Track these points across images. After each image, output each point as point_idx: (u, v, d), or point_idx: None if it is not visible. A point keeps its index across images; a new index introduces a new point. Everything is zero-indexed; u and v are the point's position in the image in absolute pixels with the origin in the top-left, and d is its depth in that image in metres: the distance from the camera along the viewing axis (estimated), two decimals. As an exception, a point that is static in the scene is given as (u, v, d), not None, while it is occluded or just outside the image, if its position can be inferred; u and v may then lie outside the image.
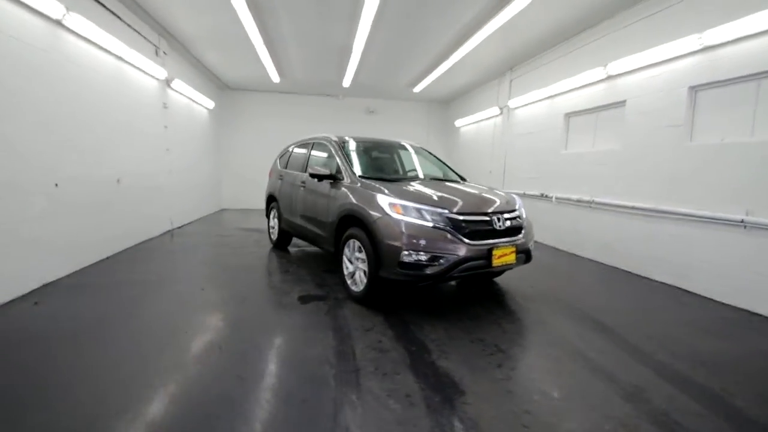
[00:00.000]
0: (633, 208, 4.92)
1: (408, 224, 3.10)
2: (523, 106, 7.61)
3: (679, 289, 4.30)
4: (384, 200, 3.28)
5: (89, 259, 4.44)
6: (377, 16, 5.24)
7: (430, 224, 3.09)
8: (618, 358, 2.68)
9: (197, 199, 8.67)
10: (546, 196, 6.71)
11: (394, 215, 3.16)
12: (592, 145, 5.88)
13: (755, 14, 3.54)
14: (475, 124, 9.91)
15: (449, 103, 11.67)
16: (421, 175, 4.39)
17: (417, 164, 4.65)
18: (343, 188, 3.87)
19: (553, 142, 6.64)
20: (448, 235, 3.08)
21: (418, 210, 3.15)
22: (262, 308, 3.45)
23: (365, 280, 3.42)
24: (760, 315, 3.54)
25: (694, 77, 4.21)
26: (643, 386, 2.31)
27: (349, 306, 3.50)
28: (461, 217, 3.18)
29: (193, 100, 8.22)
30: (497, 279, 4.42)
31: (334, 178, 4.05)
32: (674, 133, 4.44)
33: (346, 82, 9.15)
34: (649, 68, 4.74)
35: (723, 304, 3.84)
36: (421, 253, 3.02)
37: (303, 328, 3.00)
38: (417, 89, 9.69)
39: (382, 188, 3.44)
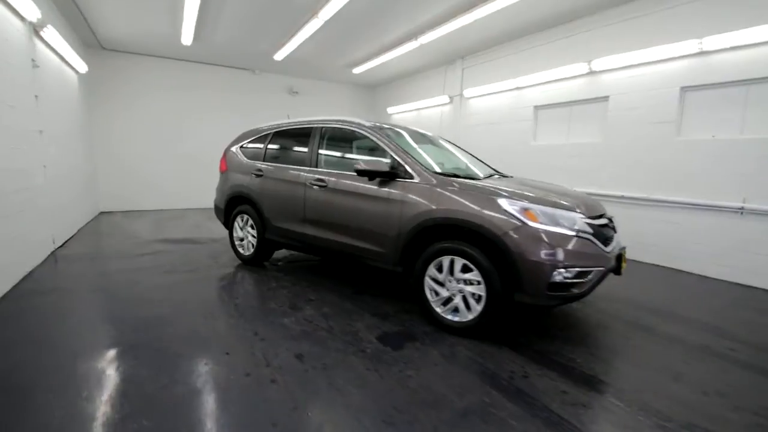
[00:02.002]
0: (621, 197, 5.32)
1: (552, 235, 2.51)
2: (481, 96, 7.57)
3: (671, 269, 4.83)
4: (511, 205, 2.60)
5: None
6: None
7: (573, 232, 2.56)
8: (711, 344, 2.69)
9: (74, 201, 6.07)
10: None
11: (532, 224, 2.53)
12: (567, 137, 6.17)
13: (738, 31, 4.04)
14: (414, 111, 9.57)
15: (376, 88, 11.05)
16: (477, 170, 3.70)
17: (461, 157, 3.98)
18: (414, 189, 2.99)
19: (521, 134, 6.77)
20: (591, 244, 2.62)
21: (554, 216, 2.59)
22: (353, 366, 2.39)
23: (478, 308, 2.69)
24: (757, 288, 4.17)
25: (685, 79, 4.66)
26: None
27: (457, 341, 2.72)
28: (595, 222, 2.75)
29: (64, 60, 5.61)
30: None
31: (394, 176, 3.12)
32: (663, 128, 4.88)
33: (280, 55, 7.64)
34: (635, 67, 5.10)
35: (718, 280, 4.43)
36: (572, 269, 2.49)
37: (449, 384, 2.15)
38: (357, 70, 8.77)
39: (499, 189, 2.74)
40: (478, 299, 2.71)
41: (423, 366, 2.40)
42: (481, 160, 4.26)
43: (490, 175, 3.50)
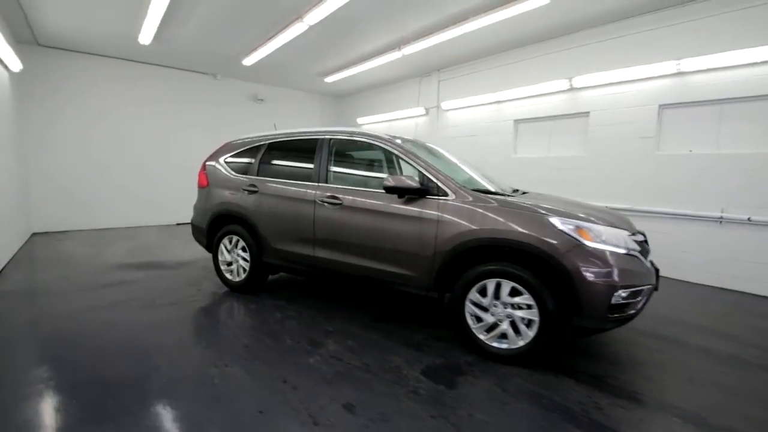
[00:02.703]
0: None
1: (609, 254, 2.41)
2: (459, 108, 7.60)
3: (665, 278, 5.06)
4: (565, 224, 2.47)
5: None
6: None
7: (624, 250, 2.49)
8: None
9: (3, 221, 5.06)
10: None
11: (588, 243, 2.41)
12: (548, 150, 6.34)
13: (714, 55, 4.39)
14: (386, 123, 9.42)
15: (344, 97, 10.77)
16: (499, 185, 3.52)
17: (469, 170, 3.82)
18: (451, 207, 2.77)
19: (502, 147, 6.87)
20: (639, 262, 2.56)
21: (606, 234, 2.50)
22: (415, 414, 2.07)
23: (530, 333, 2.52)
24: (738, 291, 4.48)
25: (664, 97, 4.97)
26: None
27: (508, 371, 2.52)
28: (638, 238, 2.71)
29: (-6, 54, 4.70)
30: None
31: (425, 193, 2.88)
32: (644, 143, 5.16)
33: (251, 60, 7.11)
34: (616, 85, 5.36)
35: (706, 286, 4.71)
36: (628, 289, 2.41)
37: (531, 427, 1.93)
38: (330, 79, 8.45)
39: (545, 207, 2.61)
40: (528, 324, 2.54)
41: (491, 407, 2.15)
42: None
43: (515, 191, 3.38)
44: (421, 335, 3.07)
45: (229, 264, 4.02)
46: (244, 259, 3.87)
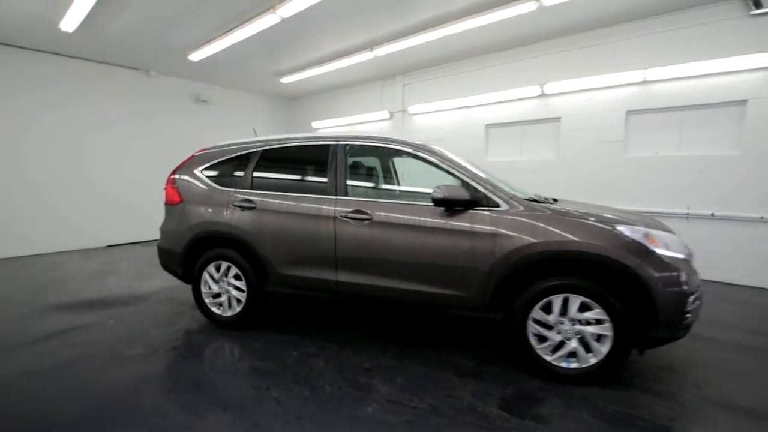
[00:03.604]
0: (581, 209, 5.77)
1: (676, 260, 2.36)
2: (427, 113, 7.49)
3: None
4: (634, 233, 2.37)
5: None
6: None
7: (683, 255, 2.47)
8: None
9: None
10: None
11: (658, 251, 2.34)
12: (520, 154, 6.49)
13: (676, 65, 4.82)
14: (346, 126, 8.99)
15: (297, 100, 10.10)
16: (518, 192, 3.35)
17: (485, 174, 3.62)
18: (506, 219, 2.53)
19: (473, 151, 6.89)
20: (692, 266, 2.57)
21: (668, 240, 2.45)
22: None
23: (603, 350, 2.37)
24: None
25: (630, 103, 5.33)
26: None
27: (581, 393, 2.34)
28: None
29: None
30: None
31: (474, 204, 2.61)
32: (613, 147, 5.49)
33: (199, 55, 6.22)
34: (586, 92, 5.64)
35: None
36: (695, 293, 2.38)
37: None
38: (287, 80, 7.79)
39: (611, 216, 2.49)
40: (598, 340, 2.40)
41: (598, 439, 1.95)
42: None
43: (546, 199, 3.27)
44: (469, 361, 2.78)
45: (217, 296, 3.34)
46: (238, 289, 3.24)
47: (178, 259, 3.42)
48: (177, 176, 3.54)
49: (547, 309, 2.47)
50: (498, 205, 2.59)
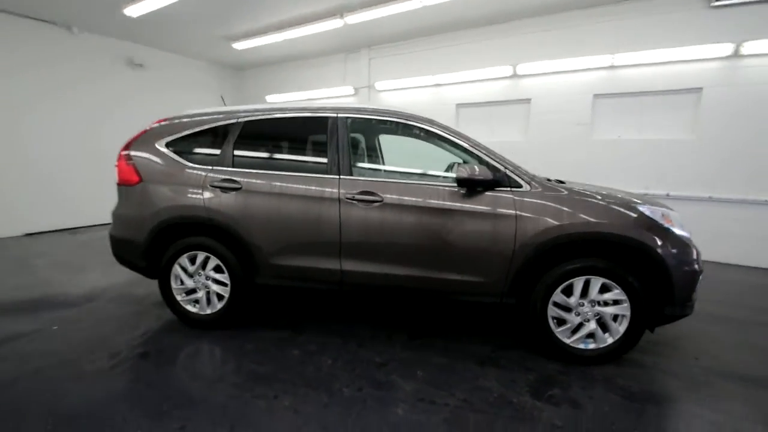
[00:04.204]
0: (549, 190, 5.96)
1: (689, 239, 2.42)
2: (395, 90, 7.20)
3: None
4: (653, 213, 2.37)
5: None
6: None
7: (689, 234, 2.55)
8: None
9: None
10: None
11: (675, 230, 2.37)
12: (491, 135, 6.50)
13: (638, 52, 5.05)
14: (306, 101, 8.37)
15: (248, 70, 9.20)
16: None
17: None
18: (529, 201, 2.42)
19: (443, 131, 6.78)
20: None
21: (679, 219, 2.50)
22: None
23: (620, 329, 2.39)
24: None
25: (597, 87, 5.51)
26: None
27: (600, 373, 2.35)
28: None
29: None
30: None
31: (496, 184, 2.45)
32: (581, 130, 5.69)
33: (138, 10, 5.28)
34: (557, 74, 5.72)
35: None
36: (702, 272, 2.47)
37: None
38: (240, 45, 6.98)
39: (631, 196, 2.48)
40: (615, 319, 2.42)
41: (635, 419, 1.94)
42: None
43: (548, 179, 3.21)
44: (483, 348, 2.69)
45: (191, 292, 2.88)
46: (220, 283, 2.81)
47: (140, 250, 2.88)
48: (132, 152, 2.94)
49: (567, 292, 2.43)
50: (520, 186, 2.47)
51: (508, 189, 2.46)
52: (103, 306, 3.28)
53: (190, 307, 2.89)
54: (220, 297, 2.84)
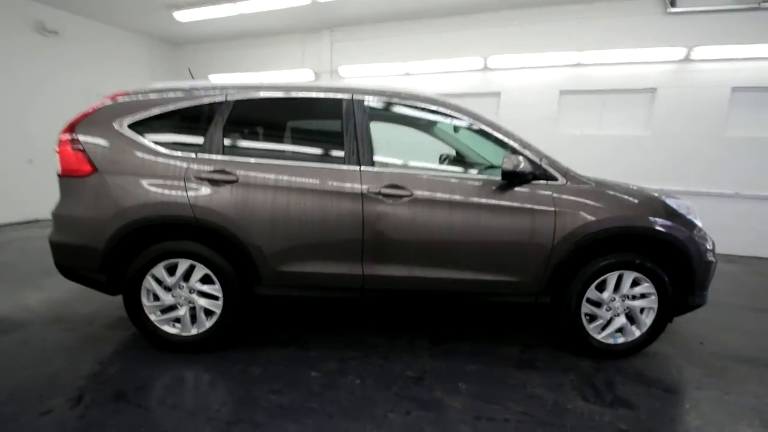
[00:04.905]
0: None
1: (706, 231, 2.49)
2: (361, 77, 6.82)
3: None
4: (679, 206, 2.39)
5: None
6: None
7: (701, 223, 2.63)
8: None
9: None
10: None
11: (697, 222, 2.43)
12: (460, 127, 6.45)
13: (600, 51, 5.33)
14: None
15: (186, 46, 8.12)
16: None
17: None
18: (566, 194, 2.31)
19: (412, 122, 6.60)
20: None
21: (697, 212, 2.56)
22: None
23: (647, 322, 2.40)
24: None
25: (564, 84, 5.71)
26: None
27: (631, 366, 2.34)
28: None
29: None
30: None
31: (535, 178, 2.30)
32: (547, 124, 5.87)
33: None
34: (526, 69, 5.83)
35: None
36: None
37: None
38: (183, 16, 6.06)
39: (646, 188, 2.47)
40: (641, 312, 2.42)
41: (683, 410, 1.93)
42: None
43: None
44: (511, 349, 2.56)
45: (170, 309, 2.33)
46: (209, 296, 2.31)
47: (97, 260, 2.25)
48: (81, 135, 2.28)
49: (599, 287, 2.38)
50: (555, 179, 2.35)
51: (545, 182, 2.33)
52: (40, 332, 2.55)
53: (168, 328, 2.34)
54: (209, 313, 2.34)
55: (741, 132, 5.04)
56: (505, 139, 2.42)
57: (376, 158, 2.34)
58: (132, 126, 2.31)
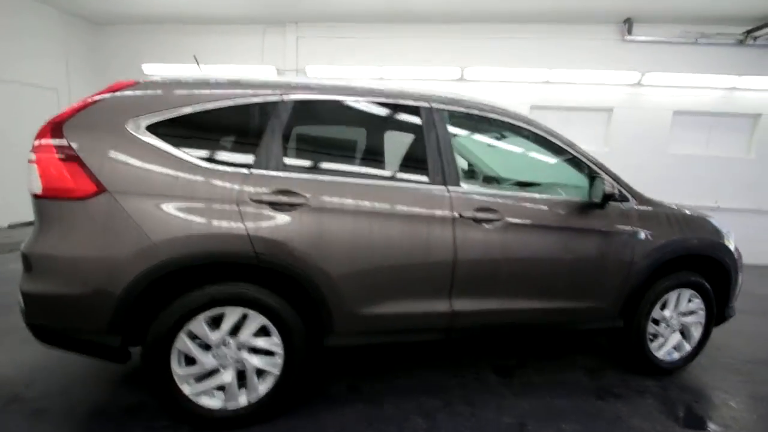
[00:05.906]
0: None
1: (734, 249, 2.71)
2: (331, 79, 6.35)
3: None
4: (722, 227, 2.54)
5: None
6: None
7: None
8: None
9: None
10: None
11: (732, 239, 2.61)
12: (434, 136, 6.39)
13: (567, 70, 5.75)
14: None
15: (114, 27, 6.76)
16: None
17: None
18: (640, 217, 2.30)
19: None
20: None
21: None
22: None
23: (696, 336, 2.52)
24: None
25: (534, 100, 5.99)
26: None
27: (687, 383, 2.43)
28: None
29: None
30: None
31: (613, 199, 2.24)
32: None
33: None
34: (501, 83, 5.99)
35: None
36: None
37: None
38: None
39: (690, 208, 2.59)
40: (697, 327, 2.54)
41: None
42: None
43: None
44: (576, 374, 2.49)
45: (210, 374, 1.76)
46: (265, 353, 1.80)
47: (108, 316, 1.61)
48: (73, 141, 1.61)
49: (664, 307, 2.43)
50: (627, 200, 2.34)
51: (621, 203, 2.30)
52: (15, 423, 1.75)
53: (207, 401, 1.76)
54: (262, 375, 1.82)
55: (680, 149, 5.81)
56: (585, 160, 2.33)
57: (462, 176, 2.07)
58: (152, 128, 1.70)
